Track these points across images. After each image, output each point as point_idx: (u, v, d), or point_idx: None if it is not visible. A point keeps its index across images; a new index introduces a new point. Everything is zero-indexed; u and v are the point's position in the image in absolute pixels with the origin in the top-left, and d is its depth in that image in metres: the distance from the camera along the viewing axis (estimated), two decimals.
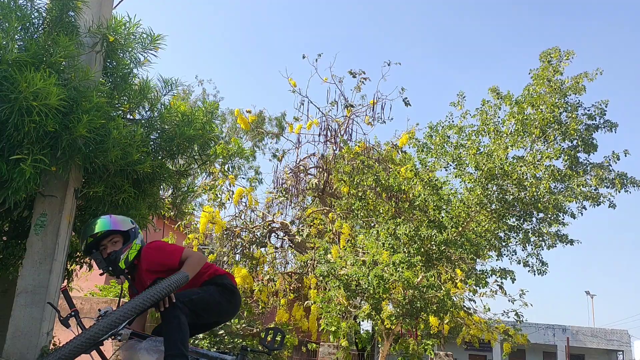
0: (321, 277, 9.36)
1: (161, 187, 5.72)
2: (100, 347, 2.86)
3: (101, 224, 3.11)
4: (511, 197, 9.39)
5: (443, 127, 10.10)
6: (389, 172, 10.59)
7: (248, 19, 53.32)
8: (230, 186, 12.79)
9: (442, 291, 8.75)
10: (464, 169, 9.49)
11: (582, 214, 9.85)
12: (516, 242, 10.32)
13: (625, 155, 9.53)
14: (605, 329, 27.00)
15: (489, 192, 9.22)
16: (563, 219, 9.95)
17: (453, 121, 10.20)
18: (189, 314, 2.98)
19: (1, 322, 4.82)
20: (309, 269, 11.72)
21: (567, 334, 25.49)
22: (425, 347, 10.01)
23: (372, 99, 13.96)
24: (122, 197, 4.84)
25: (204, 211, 12.09)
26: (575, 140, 9.52)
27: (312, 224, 12.74)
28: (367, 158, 11.38)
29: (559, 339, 25.61)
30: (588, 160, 9.72)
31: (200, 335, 9.66)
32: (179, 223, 12.75)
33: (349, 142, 12.99)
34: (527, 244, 10.25)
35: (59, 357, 2.58)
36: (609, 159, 9.57)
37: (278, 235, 14.15)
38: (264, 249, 13.15)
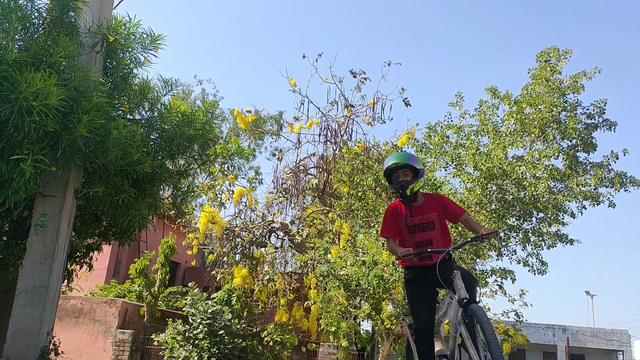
0: (321, 277, 9.36)
1: (161, 187, 5.73)
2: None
3: (404, 158, 3.95)
4: (511, 196, 9.39)
5: (442, 127, 10.11)
6: None
7: (248, 19, 53.35)
8: (230, 186, 12.79)
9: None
10: (463, 168, 9.49)
11: (582, 213, 9.85)
12: (516, 242, 10.31)
13: (625, 155, 9.53)
14: (605, 329, 26.98)
15: (489, 192, 9.22)
16: (563, 219, 9.95)
17: (452, 121, 10.20)
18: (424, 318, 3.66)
19: (1, 322, 4.82)
20: (309, 269, 11.72)
21: (567, 334, 25.48)
22: None
23: (372, 99, 13.96)
24: (122, 197, 4.84)
25: (204, 211, 12.09)
26: (575, 140, 9.51)
27: (312, 224, 12.73)
28: (367, 158, 11.38)
29: (559, 339, 25.60)
30: (587, 160, 9.72)
31: (200, 336, 9.66)
32: (179, 220, 12.76)
33: (349, 142, 12.99)
34: (527, 244, 10.24)
35: None
36: (609, 159, 9.56)
37: (278, 235, 14.15)
38: (264, 249, 13.15)
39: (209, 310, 10.00)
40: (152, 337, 10.50)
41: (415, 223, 3.89)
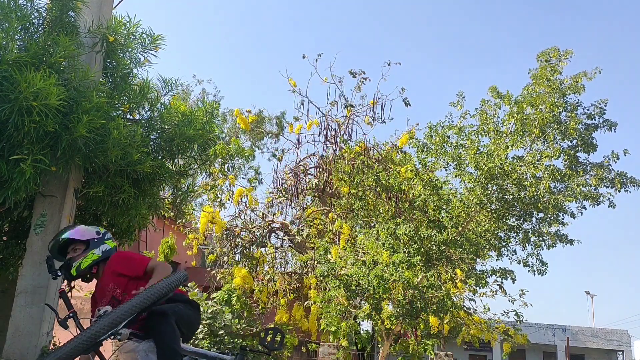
0: (321, 277, 9.35)
1: (161, 187, 5.73)
2: (100, 347, 2.85)
3: (64, 232, 3.25)
4: (511, 197, 9.38)
5: (443, 127, 10.10)
6: (389, 172, 10.58)
7: (248, 19, 53.36)
8: (230, 186, 12.79)
9: (442, 291, 8.74)
10: (464, 168, 9.49)
11: (582, 213, 9.85)
12: (516, 242, 10.30)
13: (625, 155, 9.53)
14: (605, 329, 26.98)
15: (489, 192, 9.21)
16: (563, 219, 9.95)
17: (453, 121, 10.20)
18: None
19: (1, 322, 4.83)
20: (309, 269, 11.71)
21: (567, 334, 25.47)
22: (425, 347, 10.00)
23: (372, 99, 13.95)
24: (122, 197, 4.84)
25: (204, 211, 12.08)
26: (575, 140, 9.51)
27: (312, 224, 12.73)
28: (367, 158, 11.37)
29: (559, 339, 25.59)
30: (588, 160, 9.72)
31: (200, 336, 9.65)
32: (179, 221, 12.75)
33: (349, 142, 12.99)
34: (527, 244, 10.23)
35: (58, 357, 2.57)
36: (609, 159, 9.56)
37: (278, 235, 14.14)
38: (264, 249, 13.14)
39: (209, 310, 9.99)
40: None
41: (100, 306, 3.01)
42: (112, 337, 2.74)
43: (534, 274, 10.32)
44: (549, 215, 9.81)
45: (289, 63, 60.79)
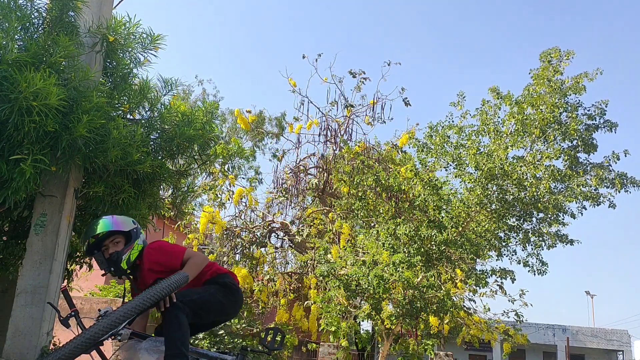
0: (321, 277, 9.36)
1: (161, 187, 5.72)
2: (101, 347, 2.84)
3: (103, 225, 3.06)
4: (511, 197, 9.39)
5: (443, 127, 10.11)
6: (389, 172, 10.58)
7: (248, 19, 53.35)
8: (230, 186, 12.80)
9: (442, 291, 8.74)
10: (464, 169, 9.49)
11: (582, 214, 9.86)
12: (516, 242, 10.31)
13: (625, 155, 9.54)
14: (605, 329, 26.98)
15: (489, 192, 9.21)
16: (563, 219, 9.96)
17: (453, 121, 10.21)
18: (190, 314, 2.94)
19: (1, 322, 4.82)
20: (309, 269, 11.71)
21: (567, 334, 25.47)
22: (425, 347, 10.01)
23: (372, 99, 13.97)
24: (122, 197, 4.83)
25: (204, 211, 12.09)
26: (575, 140, 9.52)
27: (312, 224, 12.73)
28: (367, 158, 11.38)
29: (559, 339, 25.59)
30: (588, 160, 9.73)
31: (200, 335, 9.65)
32: (179, 223, 12.76)
33: (349, 142, 12.99)
34: (527, 244, 10.24)
35: (59, 357, 2.57)
36: (609, 159, 9.57)
37: (278, 235, 14.15)
38: (264, 249, 13.15)
39: None
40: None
41: None
42: (112, 337, 2.73)
43: (534, 274, 10.34)
44: (549, 216, 9.81)
45: (289, 63, 60.85)
